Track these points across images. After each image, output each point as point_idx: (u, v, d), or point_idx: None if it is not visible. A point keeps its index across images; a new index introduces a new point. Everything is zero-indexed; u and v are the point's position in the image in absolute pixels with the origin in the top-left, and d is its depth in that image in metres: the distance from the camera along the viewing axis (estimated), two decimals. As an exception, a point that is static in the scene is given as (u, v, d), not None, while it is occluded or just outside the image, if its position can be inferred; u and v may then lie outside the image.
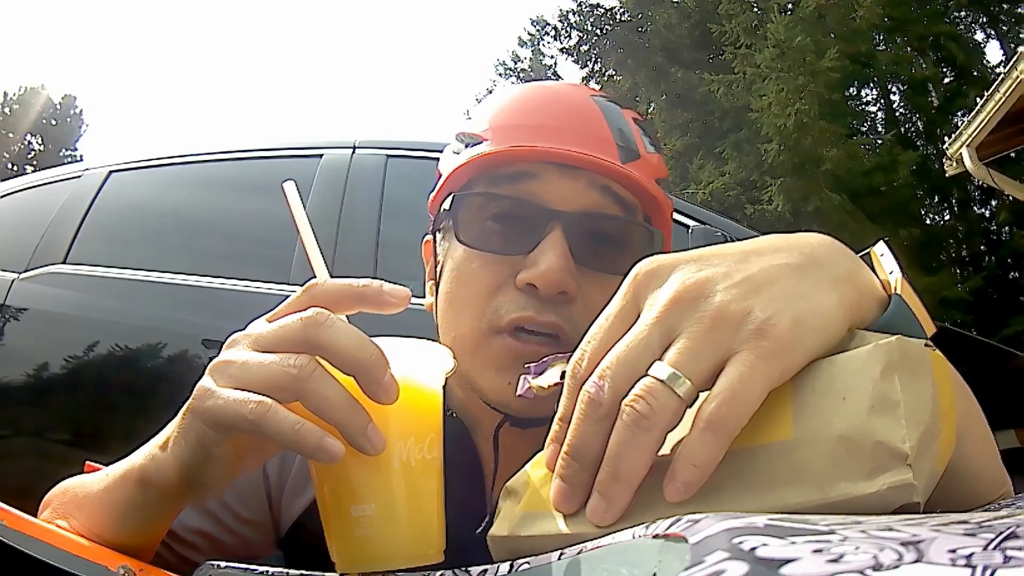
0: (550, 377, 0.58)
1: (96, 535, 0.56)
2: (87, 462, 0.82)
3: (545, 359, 0.60)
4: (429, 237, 0.81)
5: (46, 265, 2.41)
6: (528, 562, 0.42)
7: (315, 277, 0.54)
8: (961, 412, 0.45)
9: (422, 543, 0.49)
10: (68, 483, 0.66)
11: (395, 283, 0.51)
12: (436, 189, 0.77)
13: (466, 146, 0.75)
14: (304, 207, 0.59)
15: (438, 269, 0.76)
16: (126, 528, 0.55)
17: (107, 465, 0.62)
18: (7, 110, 28.76)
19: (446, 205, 0.74)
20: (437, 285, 0.75)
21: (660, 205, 0.75)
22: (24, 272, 2.42)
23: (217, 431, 0.46)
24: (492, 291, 0.68)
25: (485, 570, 0.44)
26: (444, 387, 0.55)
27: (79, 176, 2.71)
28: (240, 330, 0.51)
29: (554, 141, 0.70)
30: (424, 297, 0.80)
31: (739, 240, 0.46)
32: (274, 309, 0.51)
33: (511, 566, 0.43)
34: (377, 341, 0.48)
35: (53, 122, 29.64)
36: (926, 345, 0.40)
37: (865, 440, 0.36)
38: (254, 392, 0.45)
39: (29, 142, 29.41)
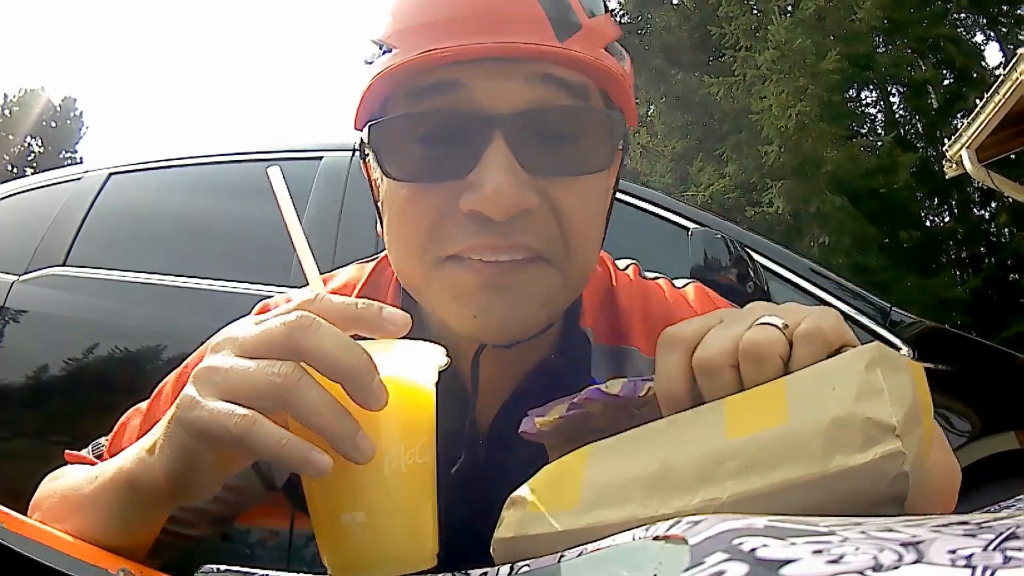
0: (554, 413, 0.57)
1: (89, 538, 0.54)
2: (67, 451, 0.81)
3: (547, 404, 0.58)
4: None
5: (46, 267, 2.41)
6: (528, 564, 0.42)
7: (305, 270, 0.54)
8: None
9: (414, 550, 0.49)
10: (54, 484, 0.65)
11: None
12: (356, 107, 0.66)
13: (381, 52, 0.63)
14: (292, 198, 0.57)
15: (377, 196, 0.69)
16: (117, 530, 0.54)
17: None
18: (7, 112, 28.76)
19: (364, 135, 0.64)
20: (379, 212, 0.69)
21: (615, 76, 0.63)
22: (24, 274, 2.42)
23: (201, 442, 0.46)
24: (433, 222, 0.61)
25: (485, 572, 0.44)
26: (433, 339, 0.53)
27: (79, 178, 2.71)
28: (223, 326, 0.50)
29: (474, 35, 0.58)
30: None
31: (738, 242, 0.49)
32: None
33: (511, 568, 0.43)
34: (365, 344, 0.46)
35: (53, 124, 29.64)
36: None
37: (856, 419, 0.40)
38: (239, 403, 0.44)
39: (29, 144, 29.40)
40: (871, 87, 14.60)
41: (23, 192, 2.87)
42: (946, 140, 7.80)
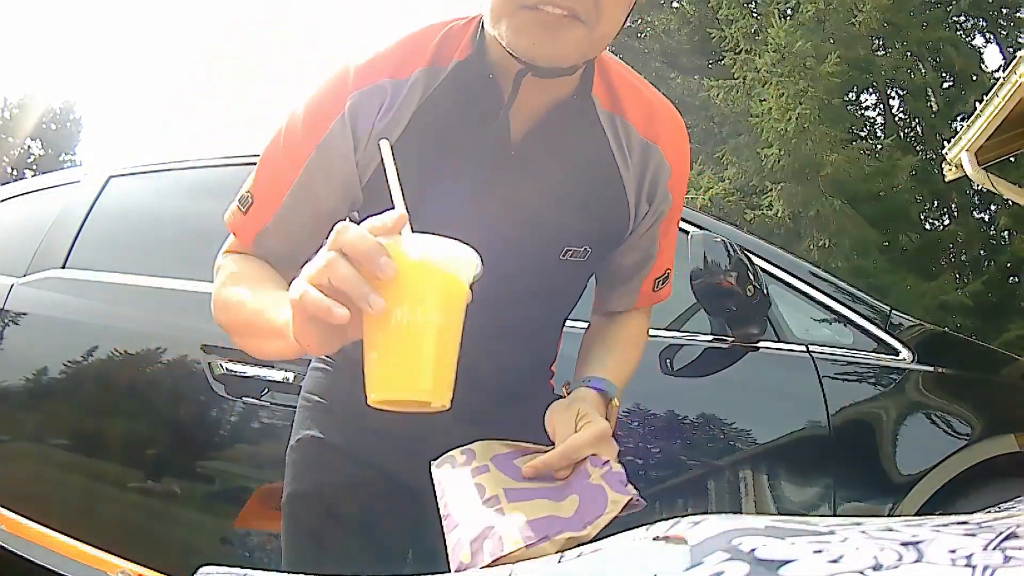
0: None
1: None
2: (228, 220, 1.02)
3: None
4: None
5: (45, 270, 2.41)
6: (528, 565, 0.42)
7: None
8: None
9: (412, 382, 0.66)
10: (230, 296, 0.98)
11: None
12: None
13: None
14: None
15: None
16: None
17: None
18: (7, 114, 28.80)
19: None
20: None
21: None
22: (23, 277, 2.42)
23: (297, 316, 0.69)
24: None
25: (485, 572, 0.44)
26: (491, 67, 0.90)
27: (78, 181, 2.71)
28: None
29: None
30: None
31: (738, 245, 0.47)
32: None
33: (511, 569, 0.43)
34: (417, 236, 0.67)
35: (53, 127, 29.69)
36: None
37: None
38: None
39: (29, 147, 29.45)
40: (871, 90, 14.63)
41: (23, 195, 2.87)
42: (946, 143, 7.80)
